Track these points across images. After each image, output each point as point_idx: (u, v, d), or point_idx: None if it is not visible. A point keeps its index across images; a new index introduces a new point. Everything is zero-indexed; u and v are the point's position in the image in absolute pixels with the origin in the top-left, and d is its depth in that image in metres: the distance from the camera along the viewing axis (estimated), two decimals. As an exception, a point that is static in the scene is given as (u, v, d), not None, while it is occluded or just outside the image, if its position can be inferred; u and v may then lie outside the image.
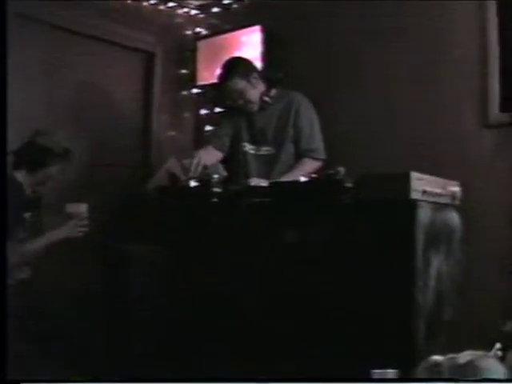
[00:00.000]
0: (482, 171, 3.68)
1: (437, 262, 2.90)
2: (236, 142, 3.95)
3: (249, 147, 3.90)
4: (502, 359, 2.14)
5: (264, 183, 3.38)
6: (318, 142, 3.82)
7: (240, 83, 3.82)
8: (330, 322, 2.92)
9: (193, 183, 3.52)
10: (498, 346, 2.50)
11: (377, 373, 2.02)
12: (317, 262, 2.97)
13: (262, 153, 3.87)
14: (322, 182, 3.07)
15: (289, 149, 3.84)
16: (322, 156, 3.80)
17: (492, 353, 2.37)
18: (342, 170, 2.95)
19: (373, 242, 2.81)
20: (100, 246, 3.78)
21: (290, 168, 3.75)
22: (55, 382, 1.95)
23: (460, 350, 2.37)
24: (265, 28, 4.72)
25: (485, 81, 3.80)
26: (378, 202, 2.78)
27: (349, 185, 2.91)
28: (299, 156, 3.82)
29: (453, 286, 3.06)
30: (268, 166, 3.82)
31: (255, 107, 3.89)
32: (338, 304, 2.89)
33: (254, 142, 3.90)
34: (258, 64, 4.44)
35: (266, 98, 3.89)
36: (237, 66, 3.89)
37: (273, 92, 3.93)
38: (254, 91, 3.87)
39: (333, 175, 2.97)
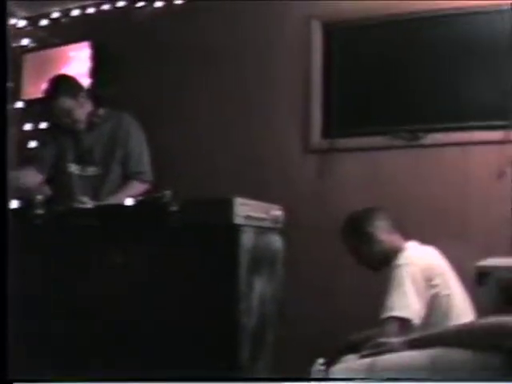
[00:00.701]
0: (304, 195, 3.82)
1: (260, 285, 2.97)
2: (61, 162, 3.84)
3: (74, 167, 3.80)
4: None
5: (89, 205, 3.31)
6: (146, 165, 3.80)
7: (67, 102, 3.73)
8: (156, 343, 2.89)
9: (14, 204, 3.37)
10: (320, 361, 2.59)
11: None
12: (142, 284, 2.94)
13: (88, 173, 3.78)
14: (147, 205, 3.04)
15: (116, 170, 3.78)
16: (150, 178, 3.78)
17: (315, 368, 2.45)
18: (167, 193, 2.95)
19: (197, 266, 2.82)
20: None
21: (117, 189, 3.70)
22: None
23: (285, 368, 2.44)
24: (94, 44, 4.64)
25: (307, 108, 3.95)
26: (203, 226, 2.80)
27: (174, 208, 2.91)
28: (127, 178, 3.77)
29: (276, 308, 3.14)
30: (95, 186, 3.74)
31: (82, 126, 3.81)
32: (164, 326, 2.88)
33: (80, 162, 3.80)
34: (86, 81, 4.36)
35: (94, 118, 3.82)
36: (64, 85, 3.79)
37: (101, 111, 3.86)
38: (82, 110, 3.78)
39: (159, 198, 2.96)
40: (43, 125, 4.75)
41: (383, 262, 2.91)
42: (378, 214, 3.08)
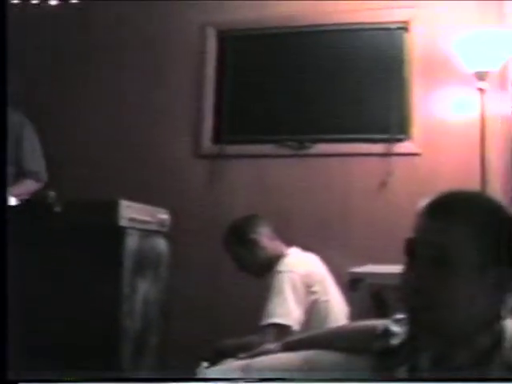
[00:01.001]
0: (193, 200, 3.85)
1: (144, 287, 2.99)
2: None
3: None
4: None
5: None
6: (40, 164, 3.71)
7: None
8: (41, 345, 2.86)
9: None
10: (204, 364, 2.63)
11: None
12: (27, 285, 2.90)
13: None
14: (31, 205, 3.01)
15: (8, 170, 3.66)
16: (44, 178, 3.69)
17: (200, 370, 2.48)
18: (51, 193, 2.92)
19: (81, 268, 2.81)
20: None
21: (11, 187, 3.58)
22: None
23: (169, 369, 2.46)
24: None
25: (199, 113, 3.99)
26: (87, 227, 2.79)
27: (58, 209, 2.88)
28: (21, 177, 3.67)
29: (160, 310, 3.16)
30: None
31: None
32: (49, 328, 2.85)
33: None
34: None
35: None
36: None
37: None
38: None
39: (43, 199, 2.92)
40: None
41: (265, 269, 2.95)
42: (260, 220, 3.12)
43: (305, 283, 2.84)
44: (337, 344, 2.00)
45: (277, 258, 2.96)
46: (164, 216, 3.18)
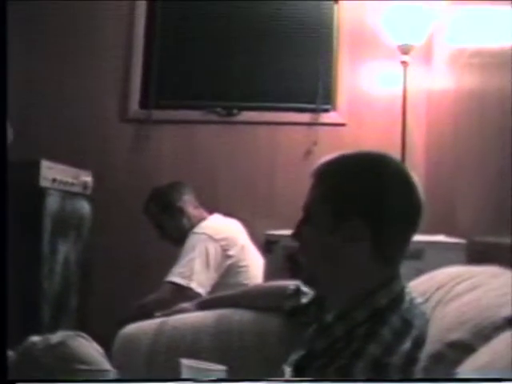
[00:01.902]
0: (118, 164, 3.84)
1: (65, 249, 2.98)
2: None
3: None
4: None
5: None
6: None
7: None
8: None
9: None
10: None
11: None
12: None
13: None
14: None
15: None
16: (10, 137, 3.54)
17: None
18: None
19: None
20: None
21: None
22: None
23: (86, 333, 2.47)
24: None
25: (127, 77, 3.97)
26: (8, 187, 2.76)
27: (-23, 168, 2.84)
28: None
29: (80, 272, 3.16)
30: None
31: None
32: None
33: None
34: None
35: None
36: None
37: None
38: None
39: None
40: None
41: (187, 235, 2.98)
42: (185, 188, 3.13)
43: (221, 247, 2.88)
44: (249, 302, 2.06)
45: (197, 224, 2.99)
46: (87, 178, 3.17)
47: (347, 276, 1.51)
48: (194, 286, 2.74)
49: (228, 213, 3.20)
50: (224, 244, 2.89)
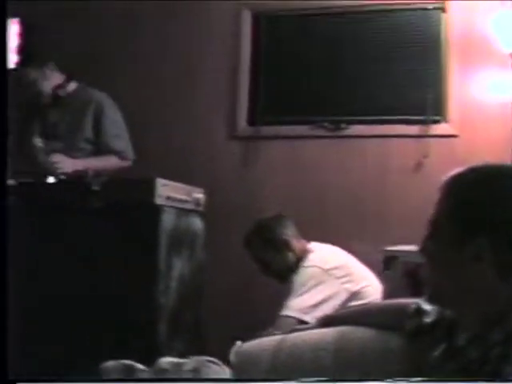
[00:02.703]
0: (228, 180, 3.88)
1: (180, 265, 3.02)
2: (26, 135, 3.61)
3: (38, 141, 3.54)
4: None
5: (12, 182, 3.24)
6: (124, 143, 3.60)
7: (32, 73, 3.55)
8: (77, 321, 2.91)
9: None
10: (238, 344, 2.65)
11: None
12: (62, 263, 2.95)
13: (51, 148, 3.52)
14: (70, 184, 3.05)
15: (84, 148, 3.58)
16: (131, 157, 3.60)
17: (234, 349, 2.51)
18: (90, 172, 2.96)
19: (118, 245, 2.85)
20: None
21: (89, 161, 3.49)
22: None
23: (203, 349, 2.48)
24: (23, 20, 4.57)
25: (234, 95, 4.01)
26: (124, 205, 2.83)
27: (96, 188, 2.92)
28: (100, 153, 3.59)
29: (194, 289, 3.19)
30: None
31: (47, 100, 3.61)
32: (84, 305, 2.90)
33: (44, 136, 3.58)
34: (14, 57, 4.27)
35: (61, 92, 3.62)
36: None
37: (71, 86, 3.66)
38: (47, 82, 3.58)
39: (81, 177, 2.97)
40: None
41: (292, 271, 2.93)
42: (287, 221, 3.07)
43: (334, 277, 2.83)
44: (369, 320, 2.02)
45: (302, 257, 2.95)
46: (200, 195, 3.20)
47: (475, 295, 1.45)
48: (310, 319, 2.70)
49: (336, 228, 3.17)
50: (336, 273, 2.84)
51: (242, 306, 3.62)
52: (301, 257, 2.95)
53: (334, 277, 2.84)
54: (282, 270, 2.99)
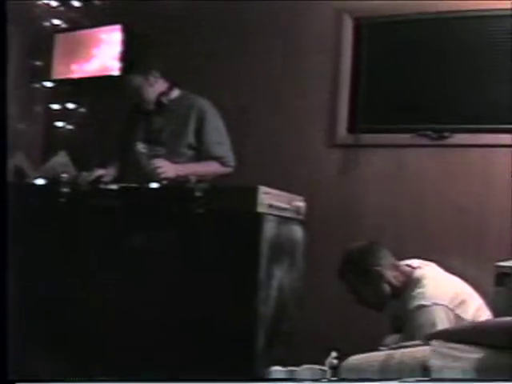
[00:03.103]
0: (327, 189, 3.84)
1: (280, 274, 2.99)
2: (128, 141, 3.71)
3: (142, 146, 3.62)
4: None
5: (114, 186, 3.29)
6: (225, 150, 3.62)
7: (137, 79, 3.60)
8: (175, 329, 2.92)
9: (40, 181, 3.40)
10: (333, 354, 2.61)
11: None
12: (162, 269, 2.97)
13: (154, 153, 3.59)
14: (172, 189, 3.08)
15: (185, 154, 3.61)
16: (232, 163, 3.61)
17: (329, 360, 2.47)
18: (193, 178, 2.97)
19: (218, 253, 2.85)
20: None
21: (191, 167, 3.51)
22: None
23: (298, 359, 2.46)
24: (125, 27, 4.67)
25: (334, 102, 3.97)
26: (226, 213, 2.82)
27: (198, 194, 2.93)
28: (201, 159, 3.61)
29: (294, 298, 3.16)
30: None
31: (151, 107, 3.67)
32: (183, 312, 2.91)
33: (147, 142, 3.65)
34: (116, 64, 4.37)
35: (164, 99, 3.67)
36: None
37: (174, 93, 3.70)
38: (152, 89, 3.63)
39: (184, 183, 2.98)
40: (72, 105, 4.78)
41: (389, 301, 2.81)
42: (380, 250, 2.92)
43: (451, 311, 2.62)
44: (479, 338, 1.94)
45: (404, 287, 2.78)
46: (300, 203, 3.17)
47: None
48: None
49: (438, 242, 3.07)
50: (460, 311, 2.63)
51: (341, 316, 3.56)
52: (403, 286, 2.79)
53: (456, 315, 2.61)
54: (377, 303, 2.87)
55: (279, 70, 4.12)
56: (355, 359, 2.05)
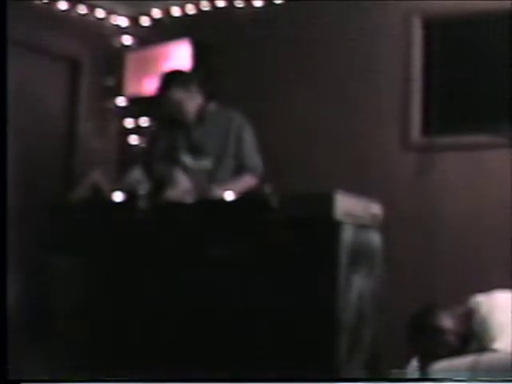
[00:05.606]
0: (403, 193, 3.78)
1: (359, 282, 2.96)
2: (172, 154, 3.82)
3: (186, 159, 3.77)
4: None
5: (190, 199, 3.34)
6: (258, 159, 3.77)
7: (178, 93, 3.74)
8: (254, 337, 2.93)
9: (118, 197, 3.46)
10: (415, 360, 2.56)
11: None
12: (241, 279, 2.98)
13: (199, 167, 3.74)
14: (248, 200, 3.09)
15: (228, 164, 3.76)
16: (261, 174, 3.74)
17: (411, 367, 2.42)
18: (267, 187, 2.97)
19: (296, 261, 2.84)
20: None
21: (229, 183, 3.62)
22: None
23: (381, 366, 2.42)
24: (194, 42, 4.72)
25: (407, 104, 3.92)
26: (303, 221, 2.81)
27: (274, 203, 2.93)
28: (240, 171, 3.76)
29: (374, 305, 3.12)
30: (206, 179, 3.73)
31: (192, 119, 3.80)
32: (262, 320, 2.91)
33: (191, 154, 3.78)
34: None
35: (204, 112, 3.81)
36: (177, 76, 3.83)
37: (211, 106, 3.85)
38: (192, 103, 3.78)
39: (259, 193, 2.99)
40: (146, 121, 4.86)
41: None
42: (440, 310, 2.91)
43: None
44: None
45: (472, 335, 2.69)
46: (377, 211, 3.13)
47: None
48: None
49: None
50: None
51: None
52: (468, 334, 2.71)
53: None
54: (443, 353, 2.70)
55: (351, 76, 4.09)
56: (440, 365, 2.01)
